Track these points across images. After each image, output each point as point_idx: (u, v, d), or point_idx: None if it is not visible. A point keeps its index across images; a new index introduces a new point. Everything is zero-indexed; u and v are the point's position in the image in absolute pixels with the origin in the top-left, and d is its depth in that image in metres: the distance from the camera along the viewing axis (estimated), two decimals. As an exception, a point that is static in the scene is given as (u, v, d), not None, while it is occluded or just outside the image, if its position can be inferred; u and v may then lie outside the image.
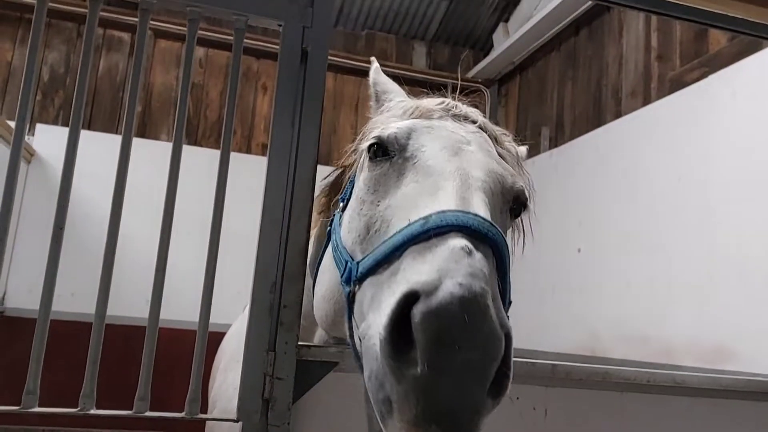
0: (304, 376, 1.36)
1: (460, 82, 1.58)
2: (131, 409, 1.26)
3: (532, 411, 1.55)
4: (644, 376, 1.64)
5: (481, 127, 1.31)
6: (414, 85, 5.66)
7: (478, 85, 5.97)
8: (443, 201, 1.02)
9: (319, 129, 1.46)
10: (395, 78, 1.67)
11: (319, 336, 1.67)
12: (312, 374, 1.38)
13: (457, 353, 0.81)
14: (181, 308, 3.87)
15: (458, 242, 0.91)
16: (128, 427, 1.22)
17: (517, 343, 0.97)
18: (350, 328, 1.10)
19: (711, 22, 1.90)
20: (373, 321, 0.93)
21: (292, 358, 1.32)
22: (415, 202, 1.06)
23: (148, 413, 1.26)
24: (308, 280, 1.54)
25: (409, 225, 0.99)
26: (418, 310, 0.84)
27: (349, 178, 1.47)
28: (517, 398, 1.54)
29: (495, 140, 1.32)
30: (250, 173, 3.78)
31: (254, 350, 1.31)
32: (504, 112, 5.82)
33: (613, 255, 3.81)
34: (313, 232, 1.63)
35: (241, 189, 3.37)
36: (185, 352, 1.52)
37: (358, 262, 1.09)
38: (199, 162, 3.38)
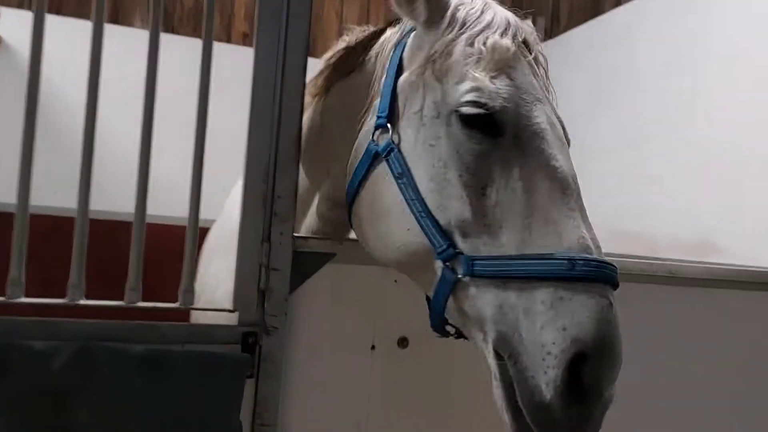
0: (300, 268, 1.33)
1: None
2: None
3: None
4: (639, 266, 1.64)
5: (536, 56, 1.28)
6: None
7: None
8: (573, 235, 1.06)
9: (311, 8, 1.34)
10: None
11: (307, 227, 1.64)
12: (308, 265, 1.35)
13: (606, 395, 1.01)
14: (167, 205, 3.81)
15: (605, 300, 1.02)
16: (120, 317, 1.19)
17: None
18: (443, 300, 1.13)
19: None
20: (529, 360, 1.01)
21: (287, 249, 1.28)
22: (535, 215, 1.08)
23: (141, 303, 1.23)
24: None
25: (549, 260, 1.03)
26: (587, 374, 0.99)
27: (376, 74, 1.35)
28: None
29: (537, 62, 1.29)
30: (230, 63, 3.60)
31: (248, 241, 1.27)
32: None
33: (603, 150, 3.76)
34: (306, 115, 1.54)
35: (221, 79, 3.23)
36: (173, 249, 1.48)
37: (472, 259, 1.09)
38: (177, 50, 3.19)
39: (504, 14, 1.27)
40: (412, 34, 1.31)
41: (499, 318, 1.05)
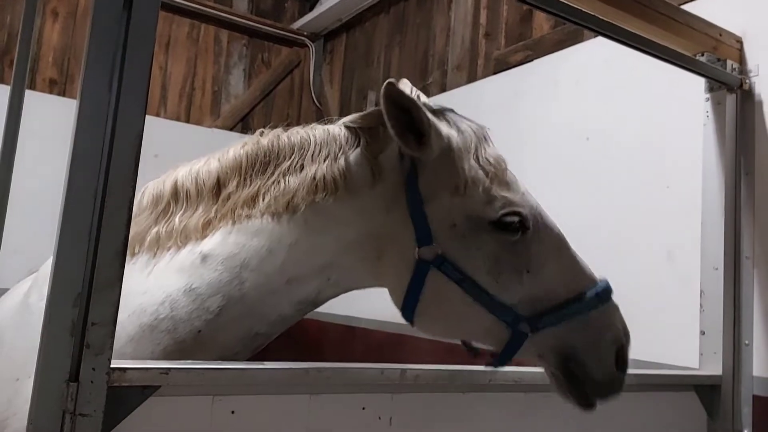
0: (116, 407, 1.09)
1: (284, 33, 1.40)
2: None
3: (378, 421, 1.44)
4: (486, 376, 1.61)
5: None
6: (234, 30, 5.24)
7: (303, 38, 5.68)
8: (588, 275, 1.56)
9: (147, 91, 1.15)
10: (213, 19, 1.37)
11: (220, 353, 1.53)
12: (127, 403, 1.11)
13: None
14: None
15: (613, 305, 1.56)
16: None
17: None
18: (515, 350, 1.49)
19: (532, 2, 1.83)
20: (589, 359, 1.51)
21: (101, 389, 1.04)
22: (568, 275, 1.54)
23: None
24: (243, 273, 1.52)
25: (583, 301, 1.51)
26: (624, 351, 1.56)
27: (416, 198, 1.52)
28: (363, 408, 1.42)
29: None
30: (35, 112, 3.20)
31: (50, 381, 1.00)
32: (329, 71, 5.62)
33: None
34: (298, 219, 1.55)
35: (24, 129, 2.83)
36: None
37: (537, 317, 1.48)
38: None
39: (468, 123, 1.60)
40: (422, 166, 1.52)
41: (560, 347, 1.50)
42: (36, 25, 4.43)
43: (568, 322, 1.48)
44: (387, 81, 1.43)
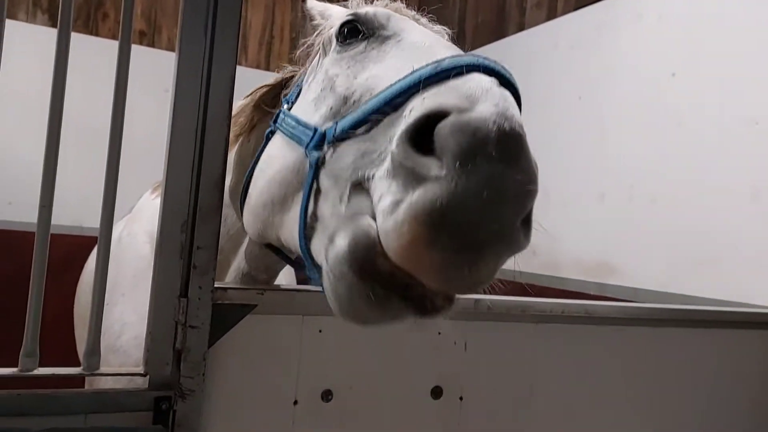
0: (219, 321, 1.23)
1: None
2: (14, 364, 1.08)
3: (453, 345, 1.53)
4: (559, 308, 1.66)
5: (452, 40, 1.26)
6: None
7: (378, -19, 5.65)
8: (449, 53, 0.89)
9: (238, 39, 1.24)
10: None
11: (235, 270, 1.52)
12: (228, 319, 1.25)
13: (494, 166, 0.67)
14: (64, 214, 3.57)
15: (484, 78, 0.79)
16: (13, 387, 1.04)
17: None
18: (304, 214, 0.97)
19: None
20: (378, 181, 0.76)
21: (207, 304, 1.18)
22: (411, 62, 0.88)
23: (38, 371, 1.08)
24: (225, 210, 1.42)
25: (413, 72, 0.82)
26: (448, 122, 0.69)
27: (295, 82, 1.29)
28: (439, 333, 1.51)
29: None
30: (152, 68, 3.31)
31: (163, 297, 1.15)
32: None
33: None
34: (232, 154, 1.46)
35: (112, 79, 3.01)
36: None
37: (336, 121, 0.94)
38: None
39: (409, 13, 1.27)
40: None
41: (358, 164, 0.85)
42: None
43: (377, 120, 0.86)
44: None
